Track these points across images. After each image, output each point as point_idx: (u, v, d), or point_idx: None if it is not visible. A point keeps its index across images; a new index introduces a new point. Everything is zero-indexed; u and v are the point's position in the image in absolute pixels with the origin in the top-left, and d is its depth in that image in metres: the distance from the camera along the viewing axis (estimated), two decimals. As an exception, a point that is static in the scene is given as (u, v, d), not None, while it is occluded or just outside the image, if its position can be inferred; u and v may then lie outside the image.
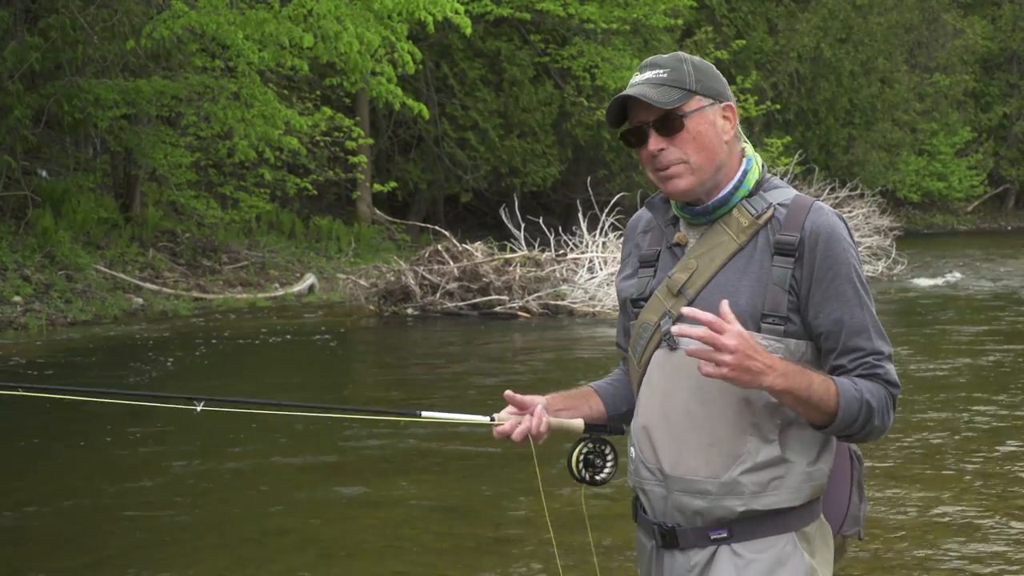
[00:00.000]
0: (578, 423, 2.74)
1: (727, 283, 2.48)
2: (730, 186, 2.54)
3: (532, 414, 2.69)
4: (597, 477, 2.73)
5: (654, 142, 2.53)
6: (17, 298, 16.12)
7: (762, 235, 2.50)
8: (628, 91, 2.54)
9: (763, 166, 2.60)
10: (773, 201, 2.52)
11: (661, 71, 2.54)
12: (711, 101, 2.54)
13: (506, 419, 2.71)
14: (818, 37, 36.05)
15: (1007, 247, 31.56)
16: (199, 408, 2.80)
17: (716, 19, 33.49)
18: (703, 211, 2.56)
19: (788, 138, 32.29)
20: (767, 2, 36.22)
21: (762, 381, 2.35)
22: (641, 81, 2.54)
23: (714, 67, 2.59)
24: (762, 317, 2.46)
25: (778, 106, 33.11)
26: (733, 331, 2.32)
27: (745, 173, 2.55)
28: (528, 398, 2.72)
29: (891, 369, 2.49)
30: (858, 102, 38.05)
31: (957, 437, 8.63)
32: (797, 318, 2.47)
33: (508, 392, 2.73)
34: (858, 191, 25.24)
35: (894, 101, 39.55)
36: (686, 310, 2.40)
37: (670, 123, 2.52)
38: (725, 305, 2.36)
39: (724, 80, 2.59)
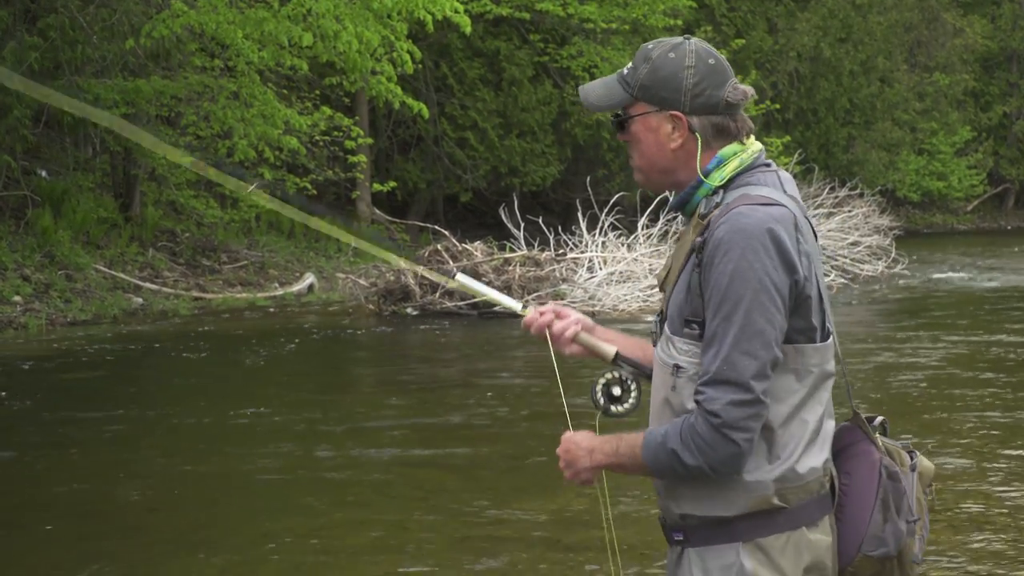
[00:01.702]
0: (610, 349, 2.73)
1: (679, 283, 2.51)
2: (691, 184, 2.54)
3: (562, 318, 2.75)
4: (612, 408, 2.69)
5: (620, 135, 2.61)
6: (17, 298, 16.12)
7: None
8: (583, 86, 2.62)
9: (754, 161, 2.54)
10: (728, 200, 2.48)
11: (627, 67, 2.57)
12: (655, 108, 2.52)
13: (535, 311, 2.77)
14: (818, 36, 36.03)
15: (1007, 246, 31.55)
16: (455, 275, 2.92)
17: (715, 18, 33.47)
18: (673, 207, 2.60)
19: (788, 137, 32.27)
20: (767, 1, 36.21)
21: (581, 469, 2.56)
22: (610, 74, 2.60)
23: (682, 68, 2.49)
24: (684, 322, 2.46)
25: (777, 105, 33.07)
26: (563, 447, 2.59)
27: (708, 172, 2.52)
28: (563, 309, 2.77)
29: (714, 396, 2.35)
30: (858, 101, 38.01)
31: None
32: None
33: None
34: (858, 190, 25.23)
35: (894, 100, 39.52)
36: None
37: (617, 122, 2.60)
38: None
39: (683, 84, 2.49)
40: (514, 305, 2.79)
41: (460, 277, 2.86)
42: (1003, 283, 21.29)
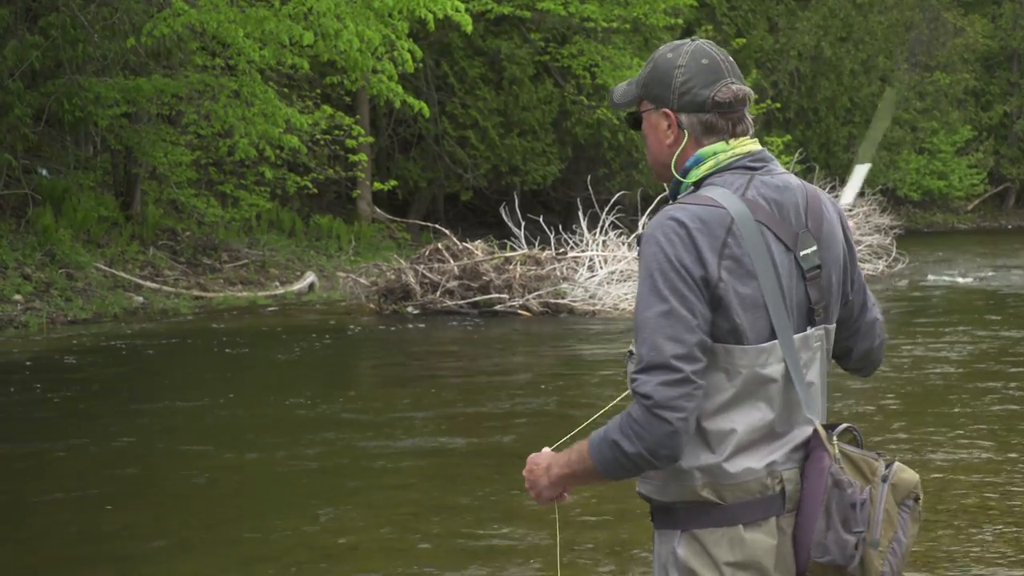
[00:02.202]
0: None
1: None
2: (674, 181, 2.64)
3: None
4: None
5: (641, 131, 2.72)
6: (17, 296, 16.13)
7: None
8: (615, 85, 2.79)
9: (731, 163, 2.58)
10: (679, 199, 2.58)
11: (644, 67, 2.69)
12: (654, 106, 2.63)
13: None
14: (818, 36, 36.02)
15: (1008, 245, 31.55)
16: None
17: (716, 18, 33.46)
18: (668, 200, 2.68)
19: (788, 136, 32.26)
20: (767, 1, 36.20)
21: (542, 488, 2.66)
22: (613, 73, 2.75)
23: (674, 67, 2.59)
24: None
25: (778, 105, 33.06)
26: (527, 468, 2.70)
27: (687, 170, 2.61)
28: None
29: (645, 379, 2.40)
30: (858, 101, 38.01)
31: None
32: None
33: None
34: (859, 190, 25.21)
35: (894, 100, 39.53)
36: None
37: (630, 119, 2.72)
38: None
39: (673, 82, 2.59)
40: None
41: None
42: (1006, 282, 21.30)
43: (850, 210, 22.97)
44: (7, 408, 10.43)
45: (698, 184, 2.58)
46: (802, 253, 2.56)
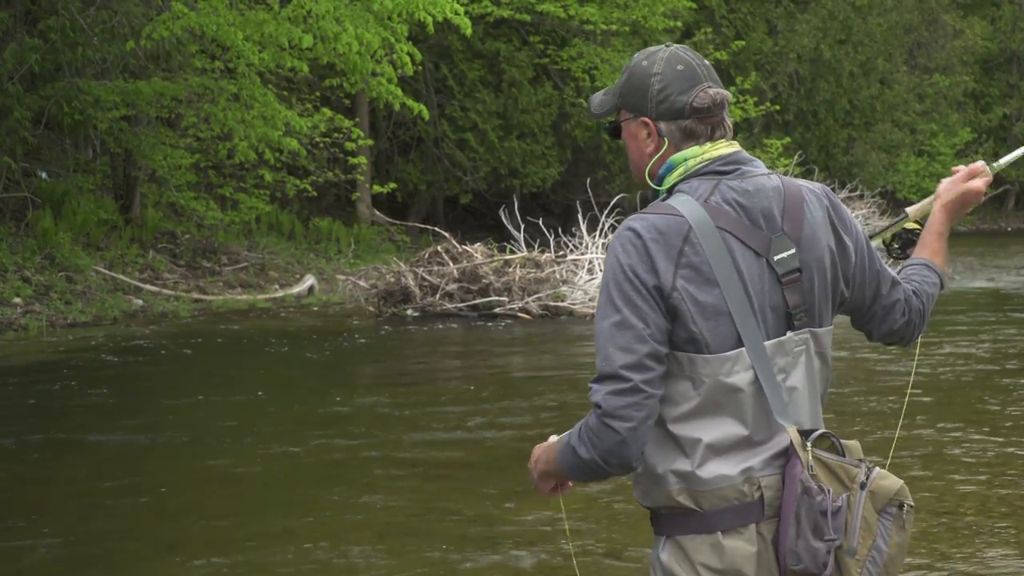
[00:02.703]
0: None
1: None
2: (651, 190, 2.66)
3: None
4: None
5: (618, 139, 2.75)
6: (17, 299, 16.12)
7: None
8: (592, 95, 2.78)
9: (700, 168, 2.57)
10: (645, 208, 2.60)
11: (621, 76, 2.70)
12: (632, 115, 2.64)
13: None
14: (817, 38, 36.04)
15: (1007, 248, 31.55)
16: None
17: (715, 20, 33.48)
18: None
19: (788, 139, 32.28)
20: (766, 3, 36.21)
21: (537, 481, 2.70)
22: (610, 76, 2.75)
23: (650, 75, 2.59)
24: None
25: (777, 107, 33.08)
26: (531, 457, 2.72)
27: (661, 178, 2.62)
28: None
29: (596, 389, 2.44)
30: (858, 103, 38.05)
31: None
32: None
33: None
34: (858, 192, 25.27)
35: (894, 102, 39.55)
36: None
37: (610, 129, 2.73)
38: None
39: (649, 91, 2.59)
40: None
41: None
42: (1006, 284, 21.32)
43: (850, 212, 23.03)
44: (61, 400, 10.83)
45: (670, 191, 2.59)
46: (776, 257, 2.52)
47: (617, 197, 19.28)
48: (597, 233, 18.12)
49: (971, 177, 3.12)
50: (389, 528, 6.79)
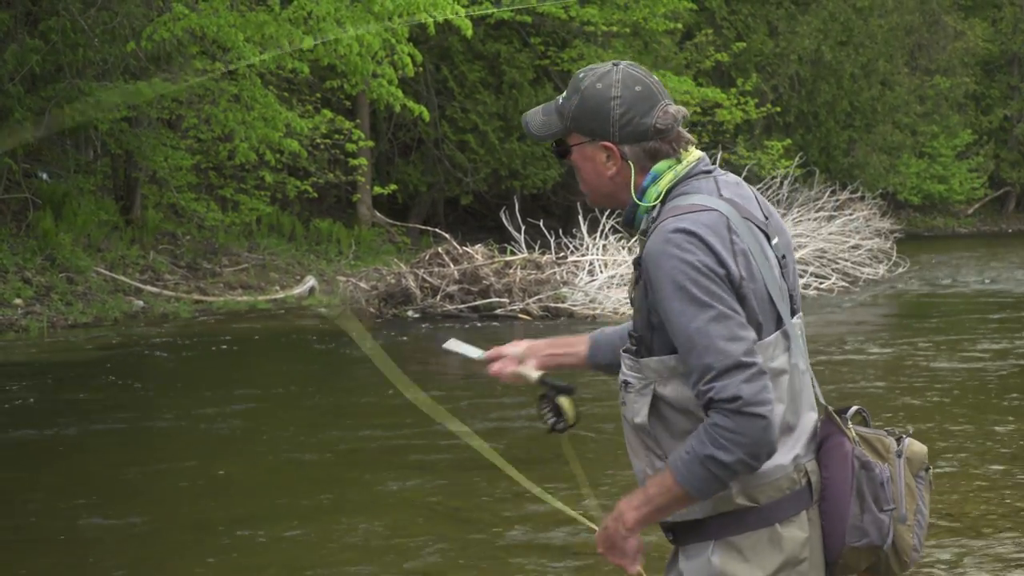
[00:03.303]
0: (534, 374, 2.88)
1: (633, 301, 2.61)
2: (630, 205, 2.61)
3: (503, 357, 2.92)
4: (550, 426, 2.84)
5: (562, 160, 2.69)
6: (18, 300, 16.12)
7: None
8: (526, 113, 2.71)
9: (689, 171, 2.57)
10: (663, 215, 2.53)
11: (562, 96, 2.64)
12: (588, 139, 2.59)
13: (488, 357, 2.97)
14: (818, 40, 36.03)
15: (1008, 249, 31.54)
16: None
17: (716, 22, 33.47)
18: (622, 224, 2.70)
19: (788, 141, 32.27)
20: (767, 5, 36.20)
21: (621, 542, 2.54)
22: (550, 102, 2.67)
23: (608, 99, 2.54)
24: (629, 337, 2.57)
25: (778, 109, 33.06)
26: (598, 538, 2.60)
27: (644, 191, 2.58)
28: (507, 347, 2.95)
29: (723, 385, 2.36)
30: (858, 104, 38.03)
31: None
32: (652, 334, 2.51)
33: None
34: (859, 194, 25.23)
35: (894, 103, 39.53)
36: None
37: (557, 151, 2.68)
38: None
39: (611, 115, 2.54)
40: (471, 353, 3.04)
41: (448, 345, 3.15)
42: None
43: (850, 214, 23.00)
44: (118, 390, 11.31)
45: (663, 200, 2.56)
46: (773, 243, 2.58)
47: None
48: (598, 235, 18.12)
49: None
50: (430, 509, 7.16)
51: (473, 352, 3.02)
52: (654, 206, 2.57)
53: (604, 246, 18.07)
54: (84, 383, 11.67)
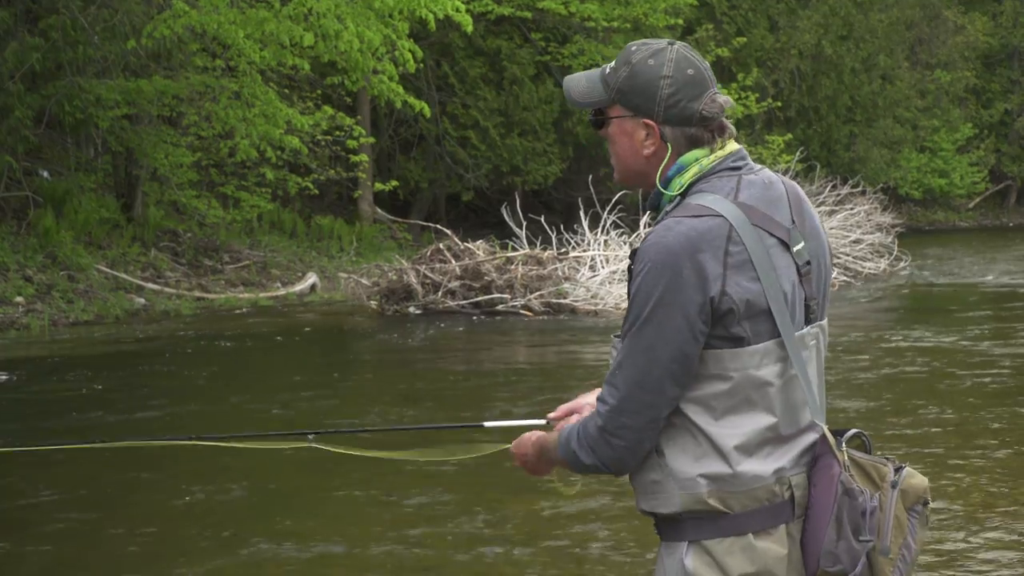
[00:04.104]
0: None
1: None
2: (655, 191, 2.58)
3: (581, 413, 2.79)
4: None
5: (598, 131, 2.64)
6: (19, 299, 16.12)
7: None
8: (568, 77, 2.65)
9: (715, 166, 2.52)
10: (671, 211, 2.50)
11: (610, 65, 2.58)
12: (630, 113, 2.54)
13: (559, 419, 2.85)
14: (819, 34, 36.01)
15: (1009, 243, 31.53)
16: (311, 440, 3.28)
17: (717, 17, 33.45)
18: (647, 208, 2.64)
19: (789, 135, 32.26)
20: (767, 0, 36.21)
21: (532, 469, 2.74)
22: (594, 70, 2.62)
23: (659, 77, 2.49)
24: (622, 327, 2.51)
25: (779, 103, 33.05)
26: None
27: (669, 180, 2.53)
28: (576, 401, 2.85)
29: (605, 396, 2.45)
30: (859, 99, 38.00)
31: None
32: None
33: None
34: (860, 188, 25.21)
35: (895, 98, 39.51)
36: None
37: (595, 120, 2.63)
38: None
39: (659, 94, 2.49)
40: (539, 422, 2.94)
41: (489, 424, 3.18)
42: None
43: (851, 208, 23.02)
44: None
45: (684, 192, 2.51)
46: (795, 249, 2.49)
47: (619, 194, 19.26)
48: (599, 230, 18.11)
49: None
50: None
51: (537, 422, 2.96)
52: (675, 197, 2.52)
53: (605, 241, 18.06)
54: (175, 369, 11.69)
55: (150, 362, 13.04)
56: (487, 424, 3.15)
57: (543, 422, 2.87)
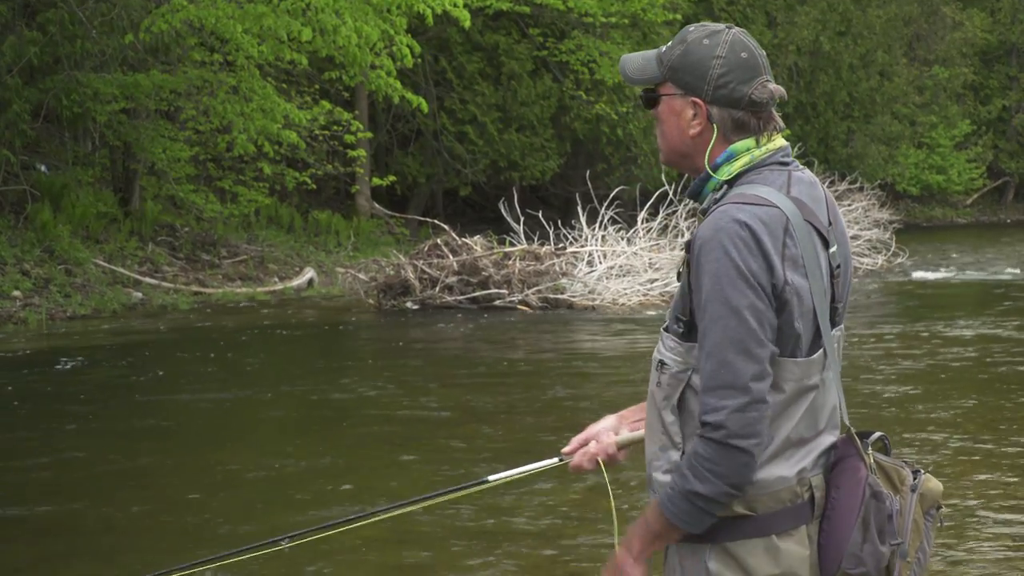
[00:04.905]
0: (642, 435, 2.69)
1: (681, 279, 2.48)
2: (701, 176, 2.54)
3: (597, 440, 2.77)
4: None
5: (649, 110, 2.60)
6: (16, 292, 16.12)
7: None
8: (625, 55, 2.63)
9: (766, 159, 2.50)
10: (726, 199, 2.45)
11: (666, 45, 2.57)
12: (680, 92, 2.51)
13: (573, 454, 2.80)
14: (817, 30, 36.01)
15: (1006, 239, 31.55)
16: (287, 546, 3.11)
17: (714, 12, 33.44)
18: (688, 195, 2.59)
19: (787, 131, 31.34)
20: (766, -5, 36.21)
21: (632, 567, 2.47)
22: (652, 50, 2.60)
23: (711, 57, 2.47)
24: (675, 319, 2.45)
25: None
26: (606, 567, 2.53)
27: (717, 166, 2.50)
28: (589, 431, 2.80)
29: (715, 402, 2.33)
30: (857, 95, 38.01)
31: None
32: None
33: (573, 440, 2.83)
34: (857, 184, 25.22)
35: (893, 94, 39.53)
36: None
37: (646, 97, 2.60)
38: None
39: (709, 73, 2.47)
40: (551, 462, 2.87)
41: (493, 477, 3.01)
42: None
43: (849, 205, 23.04)
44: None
45: (731, 182, 2.48)
46: (831, 251, 2.50)
47: (616, 189, 19.28)
48: (597, 225, 18.11)
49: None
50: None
51: (548, 463, 2.87)
52: (722, 185, 2.49)
53: (603, 237, 18.06)
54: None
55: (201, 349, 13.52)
56: (491, 478, 2.97)
57: (556, 461, 2.81)
